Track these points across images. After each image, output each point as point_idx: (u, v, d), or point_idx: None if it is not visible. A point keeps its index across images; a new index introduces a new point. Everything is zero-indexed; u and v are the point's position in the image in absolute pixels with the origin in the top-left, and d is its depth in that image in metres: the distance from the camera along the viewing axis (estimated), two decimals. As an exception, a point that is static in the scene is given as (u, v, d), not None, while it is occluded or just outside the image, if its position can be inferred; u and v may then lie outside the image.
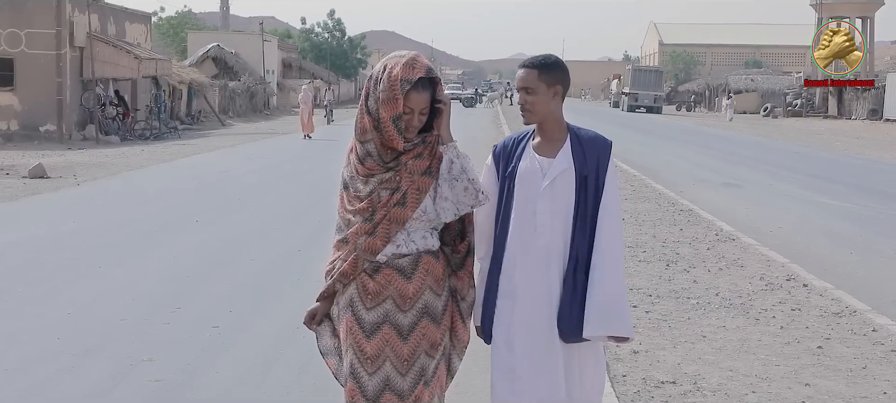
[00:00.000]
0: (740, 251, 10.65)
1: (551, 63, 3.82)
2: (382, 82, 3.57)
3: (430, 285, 3.70)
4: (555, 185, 3.77)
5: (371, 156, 3.64)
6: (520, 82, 3.82)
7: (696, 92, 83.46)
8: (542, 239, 3.78)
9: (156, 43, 47.18)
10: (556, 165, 3.79)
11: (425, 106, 3.62)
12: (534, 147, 3.86)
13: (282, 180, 18.60)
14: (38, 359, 6.36)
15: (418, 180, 3.63)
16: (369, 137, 3.62)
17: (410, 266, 3.67)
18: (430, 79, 3.61)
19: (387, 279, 3.66)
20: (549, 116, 3.82)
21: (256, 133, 36.27)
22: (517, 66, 3.92)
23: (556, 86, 3.80)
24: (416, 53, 3.65)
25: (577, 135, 3.84)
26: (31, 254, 10.10)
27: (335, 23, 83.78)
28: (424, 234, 3.71)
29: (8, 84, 30.22)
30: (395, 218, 3.63)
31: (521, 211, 3.81)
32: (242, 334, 7.03)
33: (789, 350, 6.72)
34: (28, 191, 15.90)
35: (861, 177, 21.15)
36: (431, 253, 3.73)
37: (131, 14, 37.23)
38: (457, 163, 3.63)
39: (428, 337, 3.68)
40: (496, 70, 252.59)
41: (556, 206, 3.78)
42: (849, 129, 44.24)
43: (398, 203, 3.62)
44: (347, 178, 3.75)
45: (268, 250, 10.54)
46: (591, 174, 3.76)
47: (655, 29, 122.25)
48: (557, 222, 3.78)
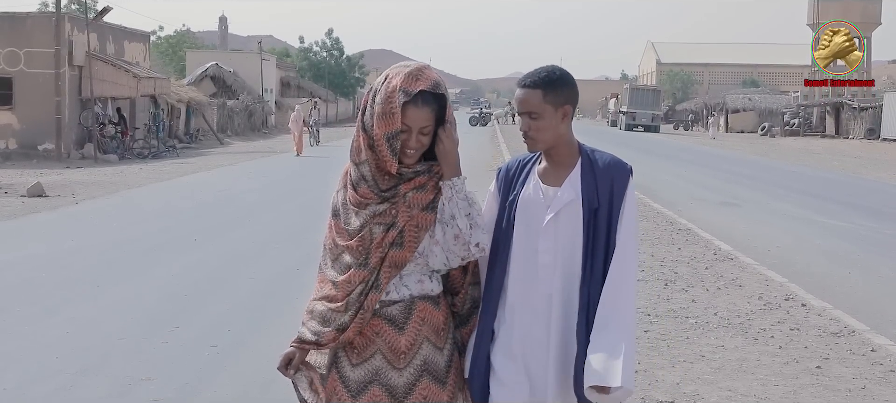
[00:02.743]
0: (739, 270, 10.65)
1: (557, 79, 3.18)
2: (379, 93, 3.08)
3: (427, 336, 3.14)
4: (559, 220, 3.19)
5: (365, 180, 3.13)
6: (521, 106, 3.21)
7: (693, 111, 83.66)
8: (544, 284, 3.20)
9: (154, 62, 47.26)
10: (561, 196, 3.20)
11: (427, 125, 3.08)
12: (539, 173, 3.28)
13: (280, 199, 18.59)
14: (36, 378, 6.34)
15: (418, 216, 3.10)
16: (364, 158, 3.12)
17: (402, 314, 3.13)
18: (435, 95, 3.08)
19: (374, 330, 3.13)
20: (559, 140, 3.22)
21: (254, 151, 36.28)
22: (516, 83, 3.30)
23: (564, 106, 3.19)
24: (424, 64, 3.15)
25: (591, 159, 3.24)
26: (29, 273, 10.09)
27: (333, 42, 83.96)
28: (420, 278, 3.17)
29: (6, 103, 30.31)
30: (394, 263, 3.11)
31: (522, 250, 3.24)
32: (241, 353, 7.03)
33: (788, 370, 6.72)
34: (26, 210, 15.90)
35: (859, 197, 21.16)
36: (429, 299, 3.18)
37: (130, 33, 37.34)
38: (447, 207, 3.10)
39: (431, 401, 3.13)
40: (494, 89, 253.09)
41: (561, 244, 3.19)
42: (846, 149, 44.32)
43: (395, 243, 3.10)
44: (339, 205, 3.23)
45: (266, 269, 10.54)
46: (603, 206, 3.17)
47: (653, 48, 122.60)
48: (562, 264, 3.19)
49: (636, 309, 8.41)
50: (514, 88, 3.32)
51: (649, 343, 7.31)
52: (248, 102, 53.11)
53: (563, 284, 3.18)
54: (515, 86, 3.29)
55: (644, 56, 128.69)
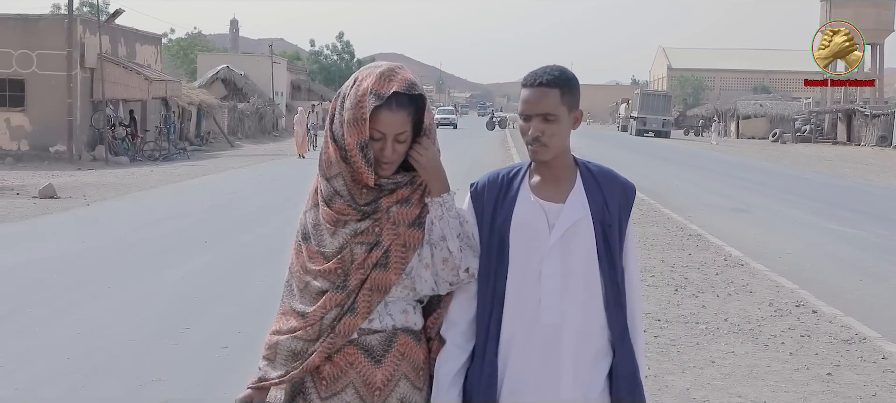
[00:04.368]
0: (749, 276, 10.63)
1: (572, 79, 2.83)
2: (349, 98, 2.75)
3: (405, 373, 2.80)
4: (567, 240, 2.80)
5: (340, 196, 2.79)
6: (533, 107, 2.79)
7: (704, 116, 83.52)
8: (548, 313, 2.80)
9: (166, 64, 47.42)
10: (568, 212, 2.81)
11: (403, 131, 2.75)
12: (532, 188, 2.87)
13: (290, 201, 18.57)
14: (47, 379, 6.37)
15: (405, 233, 2.77)
16: (336, 171, 2.79)
17: (381, 346, 2.78)
18: (411, 97, 2.76)
19: (348, 360, 2.77)
20: (565, 150, 2.86)
21: (265, 154, 36.36)
22: (522, 82, 2.89)
23: (576, 111, 2.84)
24: (397, 64, 2.83)
25: (589, 170, 2.89)
26: (41, 274, 10.13)
27: (344, 45, 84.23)
28: (405, 307, 2.83)
29: (19, 104, 30.46)
30: (377, 286, 2.75)
31: (520, 278, 2.83)
32: (251, 354, 6.99)
33: (798, 377, 6.70)
34: (38, 211, 15.97)
35: (870, 204, 21.08)
36: (411, 333, 2.84)
37: (142, 35, 37.48)
38: (437, 227, 2.78)
39: None
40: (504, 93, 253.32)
41: (571, 268, 2.81)
42: (858, 156, 44.15)
43: (379, 264, 2.75)
44: (310, 227, 2.87)
45: (276, 271, 10.48)
46: (614, 223, 2.83)
47: (664, 53, 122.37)
48: (571, 288, 2.82)
49: (646, 314, 8.44)
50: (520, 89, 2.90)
51: (659, 349, 7.30)
52: (258, 105, 53.24)
53: (573, 311, 2.81)
54: (522, 87, 2.89)
55: (655, 61, 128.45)
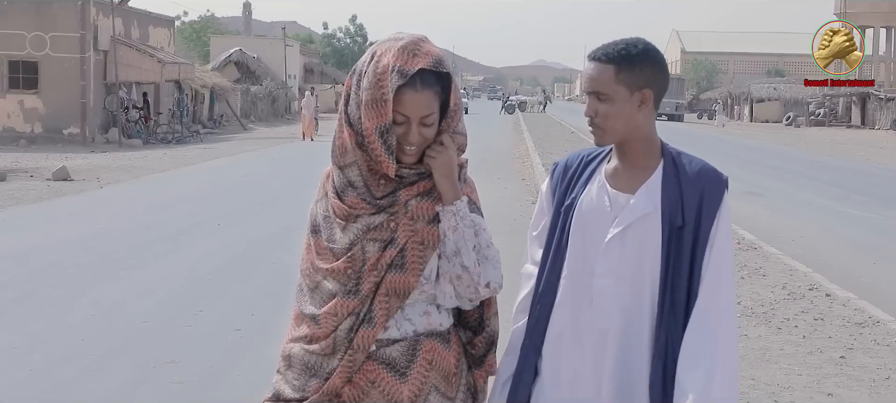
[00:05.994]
0: (762, 260, 10.60)
1: (636, 55, 2.51)
2: (367, 77, 2.42)
3: (436, 384, 2.50)
4: (627, 236, 2.52)
5: (354, 187, 2.48)
6: (588, 84, 2.56)
7: (717, 100, 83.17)
8: (598, 316, 2.53)
9: (179, 47, 47.47)
10: (635, 206, 2.52)
11: (430, 113, 2.43)
12: (607, 173, 2.61)
13: (302, 183, 18.56)
14: (62, 360, 6.41)
15: (423, 230, 2.46)
16: (351, 159, 2.47)
17: (404, 357, 2.48)
18: (438, 75, 2.44)
19: (369, 379, 2.48)
20: (634, 134, 2.55)
21: (278, 137, 36.40)
22: (587, 56, 2.63)
23: (643, 90, 2.51)
24: (419, 35, 2.49)
25: (677, 163, 2.56)
26: (55, 256, 10.18)
27: (357, 28, 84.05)
28: (426, 308, 2.53)
29: (32, 86, 30.54)
30: (394, 290, 2.45)
31: (576, 269, 2.59)
32: (264, 336, 7.06)
33: (812, 360, 6.69)
34: (52, 194, 16.04)
35: (884, 188, 21.00)
36: (437, 336, 2.53)
37: (155, 18, 37.52)
38: (451, 239, 2.45)
39: None
40: (517, 77, 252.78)
41: (627, 269, 2.52)
42: (872, 139, 43.92)
43: (395, 265, 2.44)
44: (321, 219, 2.59)
45: (289, 253, 10.55)
46: (689, 224, 2.49)
47: (677, 36, 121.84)
48: (626, 293, 2.53)
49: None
50: (536, 77, 2.85)
51: (672, 332, 7.28)
52: (271, 88, 53.27)
53: (624, 318, 2.52)
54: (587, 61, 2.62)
55: (668, 44, 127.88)
